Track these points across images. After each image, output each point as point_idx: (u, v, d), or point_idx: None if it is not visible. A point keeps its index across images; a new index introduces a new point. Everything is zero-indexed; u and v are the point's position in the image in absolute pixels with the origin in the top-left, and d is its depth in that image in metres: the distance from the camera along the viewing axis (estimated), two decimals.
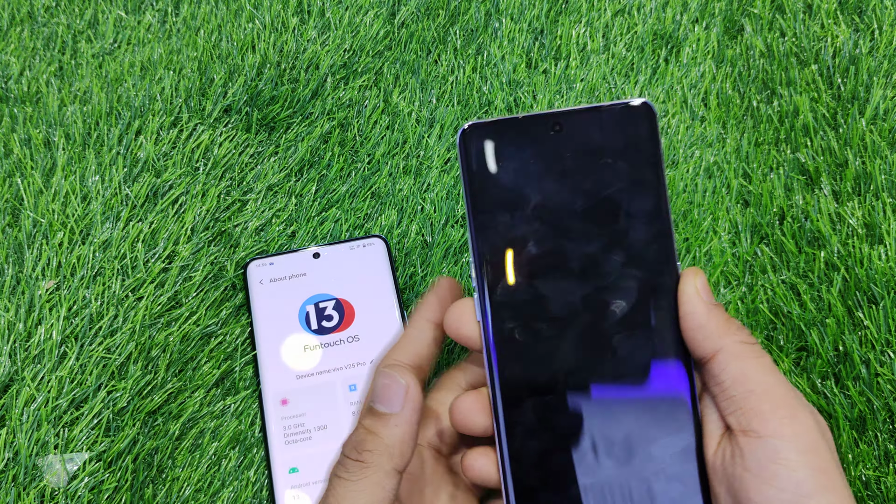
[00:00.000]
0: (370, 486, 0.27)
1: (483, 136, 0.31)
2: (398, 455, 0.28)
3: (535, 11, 0.58)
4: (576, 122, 0.32)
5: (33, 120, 0.54)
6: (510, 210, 0.31)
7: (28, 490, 0.40)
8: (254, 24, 0.57)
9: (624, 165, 0.31)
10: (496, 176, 0.31)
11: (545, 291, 0.30)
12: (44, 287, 0.45)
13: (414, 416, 0.28)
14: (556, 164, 0.31)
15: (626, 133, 0.32)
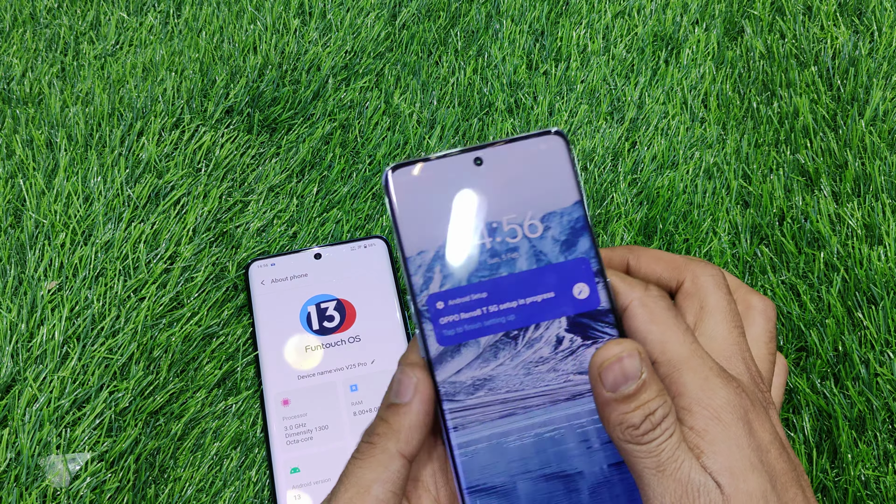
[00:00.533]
0: (374, 465, 0.30)
1: (409, 177, 0.33)
2: (404, 440, 0.30)
3: (535, 13, 0.59)
4: (495, 156, 0.33)
5: (35, 121, 0.54)
6: (441, 246, 0.33)
7: (30, 490, 0.40)
8: (255, 26, 0.57)
9: (544, 193, 0.33)
10: (425, 215, 0.33)
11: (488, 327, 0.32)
12: (46, 288, 0.45)
13: (421, 406, 0.30)
14: (481, 197, 0.33)
15: (544, 162, 0.34)
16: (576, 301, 0.33)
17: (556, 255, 0.33)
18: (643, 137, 0.53)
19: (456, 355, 0.32)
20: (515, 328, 0.33)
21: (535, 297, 0.33)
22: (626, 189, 0.51)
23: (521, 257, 0.33)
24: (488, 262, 0.33)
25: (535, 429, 0.32)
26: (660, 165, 0.52)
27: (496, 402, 0.32)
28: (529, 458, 0.32)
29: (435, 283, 0.32)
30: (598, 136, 0.53)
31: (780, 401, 0.35)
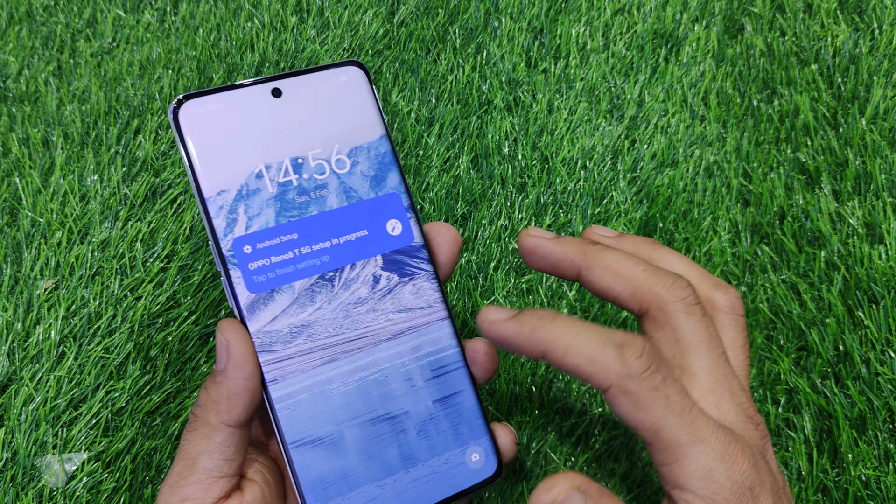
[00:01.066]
0: (198, 437, 0.29)
1: (202, 108, 0.30)
2: (224, 410, 0.29)
3: (534, 10, 0.58)
4: (295, 86, 0.31)
5: (32, 119, 0.54)
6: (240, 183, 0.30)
7: (27, 490, 0.39)
8: (253, 23, 0.57)
9: (349, 127, 0.32)
10: (223, 151, 0.30)
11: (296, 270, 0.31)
12: (42, 287, 0.45)
13: (237, 371, 0.29)
14: (283, 131, 0.31)
15: (346, 95, 0.32)
16: (389, 238, 0.32)
17: (367, 191, 0.32)
18: (643, 135, 0.53)
19: (269, 303, 0.30)
20: (331, 269, 0.31)
21: (348, 235, 0.31)
22: (626, 187, 0.51)
23: (331, 194, 0.31)
24: (296, 200, 0.31)
25: (358, 373, 0.31)
26: (660, 164, 0.52)
27: (316, 349, 0.31)
28: (354, 404, 0.31)
29: (240, 225, 0.30)
30: (597, 134, 0.53)
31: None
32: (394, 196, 0.32)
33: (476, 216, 0.50)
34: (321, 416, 0.30)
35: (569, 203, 0.50)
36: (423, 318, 0.32)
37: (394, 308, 0.32)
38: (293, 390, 0.30)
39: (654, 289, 0.29)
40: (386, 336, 0.31)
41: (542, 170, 0.52)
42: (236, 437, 0.30)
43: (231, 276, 0.30)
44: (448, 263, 0.33)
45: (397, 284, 0.32)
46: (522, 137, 0.53)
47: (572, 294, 0.48)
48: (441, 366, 0.32)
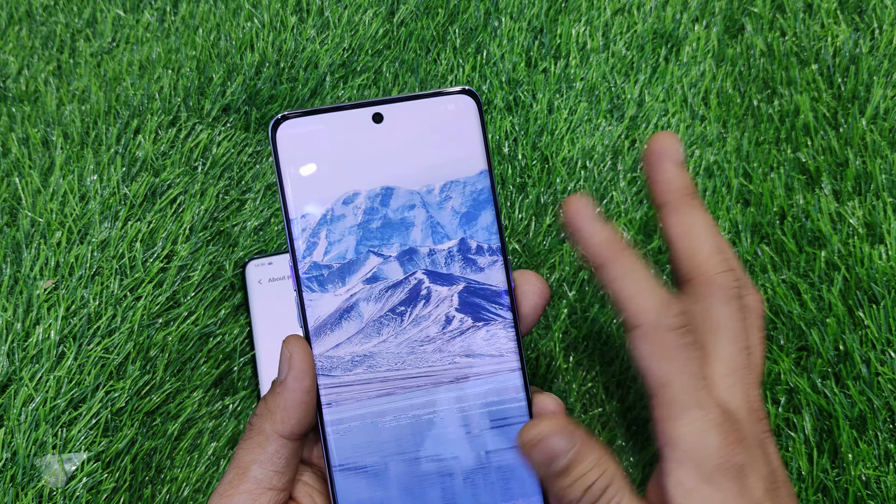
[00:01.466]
0: (252, 447, 0.30)
1: (299, 129, 0.30)
2: (279, 420, 0.29)
3: (534, 10, 0.58)
4: (397, 113, 0.31)
5: (31, 119, 0.54)
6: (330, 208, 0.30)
7: (26, 490, 0.39)
8: (252, 23, 0.57)
9: (447, 159, 0.31)
10: (314, 174, 0.30)
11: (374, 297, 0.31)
12: (42, 287, 0.45)
13: (295, 383, 0.30)
14: (377, 158, 0.31)
15: (451, 124, 0.31)
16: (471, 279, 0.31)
17: (455, 228, 0.31)
18: (643, 135, 0.53)
19: (336, 328, 0.31)
20: (402, 305, 0.31)
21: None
22: (626, 187, 0.51)
23: (417, 228, 0.31)
24: (381, 230, 0.31)
25: (413, 410, 0.31)
26: None
27: (375, 381, 0.30)
28: (404, 440, 0.30)
29: (319, 249, 0.30)
30: (597, 133, 0.53)
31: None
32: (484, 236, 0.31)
33: None
34: (369, 445, 0.30)
35: None
36: (492, 365, 0.31)
37: (461, 352, 0.31)
38: (346, 416, 0.30)
39: (707, 266, 0.30)
40: (448, 378, 0.31)
41: (543, 170, 0.52)
42: (288, 450, 0.30)
43: (304, 298, 0.30)
44: (531, 314, 0.32)
45: (469, 328, 0.31)
46: (522, 137, 0.53)
47: (572, 294, 0.48)
48: (503, 417, 0.31)
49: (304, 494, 0.31)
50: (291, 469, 0.30)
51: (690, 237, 0.31)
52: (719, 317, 0.30)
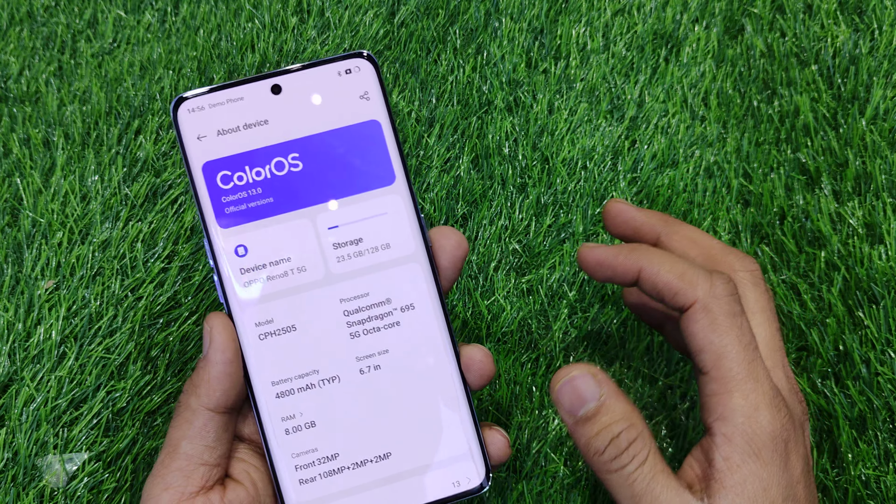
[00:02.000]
0: (181, 423, 0.30)
1: (200, 107, 0.31)
2: (204, 393, 0.30)
3: (534, 11, 0.58)
4: (295, 82, 0.32)
5: (32, 119, 0.54)
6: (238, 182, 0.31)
7: (27, 490, 0.39)
8: (253, 24, 0.57)
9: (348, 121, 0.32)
10: (217, 148, 0.31)
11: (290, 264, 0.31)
12: (43, 287, 0.45)
13: (217, 355, 0.30)
14: (279, 127, 0.31)
15: (350, 90, 0.32)
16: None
17: (353, 180, 0.32)
18: (643, 136, 0.53)
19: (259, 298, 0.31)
20: None
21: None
22: (626, 188, 0.51)
23: (318, 185, 0.32)
24: (284, 193, 0.31)
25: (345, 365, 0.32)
26: (660, 164, 0.52)
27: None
28: (339, 397, 0.31)
29: (229, 221, 0.31)
30: (597, 134, 0.53)
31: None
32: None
33: (476, 216, 0.50)
34: (305, 402, 0.31)
35: (569, 203, 0.50)
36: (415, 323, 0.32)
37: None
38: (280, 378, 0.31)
39: (726, 257, 0.31)
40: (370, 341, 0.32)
41: (543, 170, 0.52)
42: (216, 423, 0.30)
43: (221, 272, 0.31)
44: (450, 268, 0.33)
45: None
46: (523, 138, 0.53)
47: (572, 294, 0.48)
48: (432, 369, 0.32)
49: (240, 471, 0.31)
50: (223, 444, 0.30)
51: (698, 243, 0.32)
52: (750, 301, 0.30)
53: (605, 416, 0.28)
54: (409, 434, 0.31)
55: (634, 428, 0.28)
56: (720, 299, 0.28)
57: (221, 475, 0.30)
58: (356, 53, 0.32)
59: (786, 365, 0.30)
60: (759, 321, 0.30)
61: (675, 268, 0.29)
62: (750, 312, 0.30)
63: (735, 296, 0.29)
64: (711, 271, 0.29)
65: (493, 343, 0.46)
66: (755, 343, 0.28)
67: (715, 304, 0.28)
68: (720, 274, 0.29)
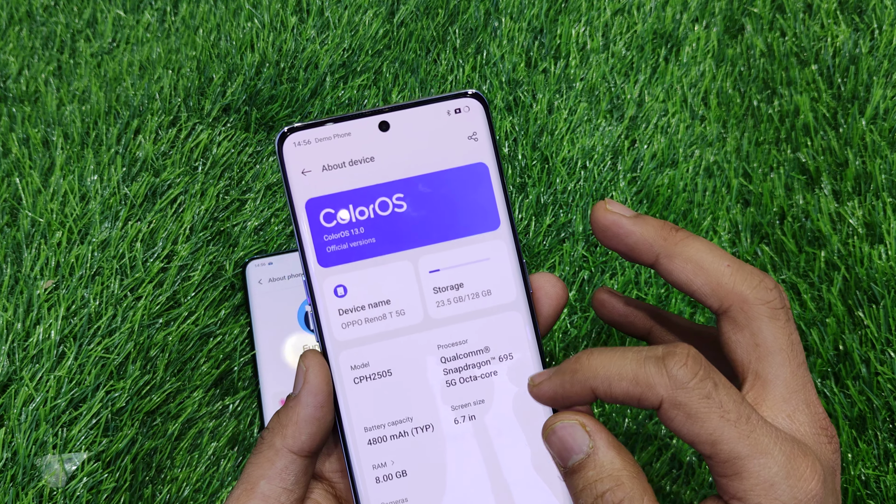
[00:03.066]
0: (262, 461, 0.29)
1: (306, 140, 0.31)
2: (290, 435, 0.29)
3: (534, 10, 0.58)
4: (403, 119, 0.31)
5: (32, 119, 0.54)
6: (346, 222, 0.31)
7: (27, 490, 0.39)
8: (253, 24, 0.57)
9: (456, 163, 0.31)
10: (325, 183, 0.31)
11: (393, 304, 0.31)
12: (42, 287, 0.45)
13: (309, 398, 0.29)
14: (385, 164, 0.31)
15: (458, 130, 0.31)
16: None
17: (459, 224, 0.32)
18: (643, 135, 0.53)
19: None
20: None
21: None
22: (626, 187, 0.51)
23: (424, 228, 0.31)
24: (388, 235, 0.31)
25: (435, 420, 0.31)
26: (660, 164, 0.52)
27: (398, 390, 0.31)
28: (427, 447, 0.30)
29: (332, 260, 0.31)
30: (597, 134, 0.53)
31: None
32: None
33: None
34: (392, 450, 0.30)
35: (569, 203, 0.50)
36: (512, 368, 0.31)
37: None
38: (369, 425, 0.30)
39: (738, 288, 0.28)
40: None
41: (542, 170, 0.52)
42: (298, 466, 0.29)
43: (319, 312, 0.30)
44: (551, 316, 0.32)
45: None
46: (522, 137, 0.53)
47: (572, 294, 0.48)
48: (529, 421, 0.31)
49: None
50: (301, 486, 0.30)
51: (704, 269, 0.29)
52: (767, 339, 0.27)
53: (590, 470, 0.27)
54: (502, 487, 0.30)
55: (621, 488, 0.26)
56: (686, 389, 0.25)
57: None
58: (465, 93, 0.32)
59: (811, 402, 0.27)
60: (776, 361, 0.27)
61: (624, 373, 0.26)
62: (767, 353, 0.27)
63: (700, 374, 0.26)
64: (666, 354, 0.26)
65: None
66: (745, 409, 0.26)
67: (682, 395, 0.25)
68: (674, 357, 0.26)
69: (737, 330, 0.28)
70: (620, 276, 0.48)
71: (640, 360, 0.26)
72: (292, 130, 0.31)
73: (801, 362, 0.27)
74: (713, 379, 0.26)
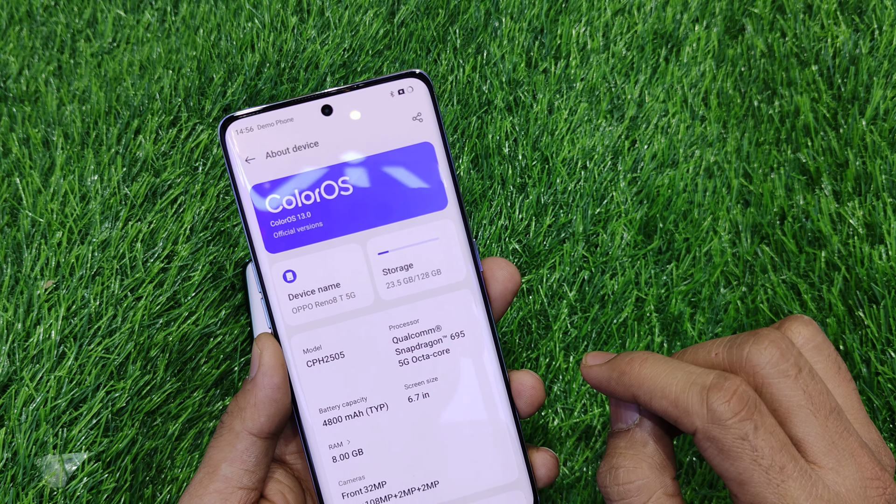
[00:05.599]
0: (222, 444, 0.30)
1: (248, 127, 0.31)
2: (249, 417, 0.29)
3: (534, 10, 0.58)
4: (346, 102, 0.31)
5: (32, 119, 0.54)
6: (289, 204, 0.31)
7: (27, 490, 0.39)
8: (253, 24, 0.57)
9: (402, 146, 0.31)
10: (267, 169, 0.31)
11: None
12: (42, 287, 0.45)
13: (264, 379, 0.29)
14: (330, 150, 0.31)
15: (403, 111, 0.31)
16: None
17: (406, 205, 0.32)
18: (643, 136, 0.53)
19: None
20: None
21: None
22: (626, 188, 0.51)
23: (369, 209, 0.32)
24: (334, 217, 0.31)
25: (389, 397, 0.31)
26: (660, 164, 0.52)
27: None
28: (387, 420, 0.31)
29: (280, 245, 0.31)
30: (597, 134, 0.53)
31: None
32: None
33: (476, 216, 0.50)
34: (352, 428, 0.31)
35: (569, 203, 0.50)
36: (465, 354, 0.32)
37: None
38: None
39: (739, 357, 0.27)
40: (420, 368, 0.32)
41: (543, 170, 0.52)
42: (258, 448, 0.30)
43: (269, 297, 0.31)
44: (500, 299, 0.32)
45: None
46: (523, 137, 0.53)
47: (572, 294, 0.48)
48: (482, 396, 0.32)
49: (275, 492, 0.31)
50: (262, 467, 0.30)
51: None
52: (783, 399, 0.26)
53: (622, 441, 0.28)
54: (458, 462, 0.31)
55: (636, 472, 0.27)
56: (723, 426, 0.25)
57: (257, 498, 0.30)
58: (409, 73, 0.31)
59: (855, 452, 0.25)
60: (801, 419, 0.26)
61: (667, 392, 0.26)
62: (789, 412, 0.26)
63: (742, 414, 0.25)
64: (713, 385, 0.25)
65: None
66: (783, 458, 0.25)
67: (717, 431, 0.25)
68: (719, 391, 0.25)
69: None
70: (621, 277, 0.48)
71: (688, 382, 0.26)
72: (234, 118, 0.31)
73: (831, 410, 0.26)
74: (755, 421, 0.25)
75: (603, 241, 0.49)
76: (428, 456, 0.31)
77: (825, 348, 0.28)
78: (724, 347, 0.27)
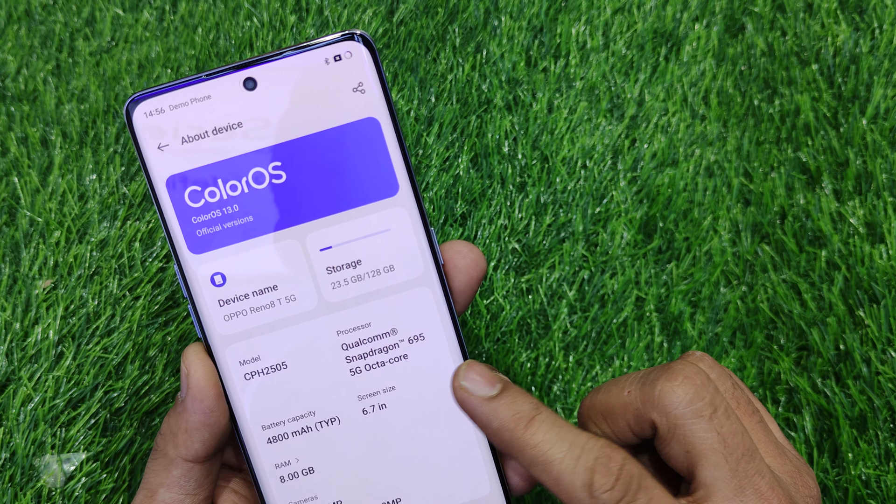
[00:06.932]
0: (158, 469, 0.27)
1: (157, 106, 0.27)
2: (182, 443, 0.27)
3: (534, 9, 0.58)
4: (273, 74, 0.27)
5: (30, 118, 0.54)
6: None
7: (25, 490, 0.39)
8: (252, 22, 0.57)
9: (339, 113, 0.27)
10: (180, 150, 0.27)
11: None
12: (40, 286, 0.45)
13: (194, 404, 0.27)
14: (252, 127, 0.27)
15: (340, 82, 0.27)
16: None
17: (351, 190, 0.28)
18: (643, 135, 0.53)
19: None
20: None
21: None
22: (626, 187, 0.51)
23: (305, 197, 0.28)
24: (264, 208, 0.27)
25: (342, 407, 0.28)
26: (660, 163, 0.52)
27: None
28: (334, 440, 0.28)
29: (203, 243, 0.27)
30: (597, 133, 0.53)
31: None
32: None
33: (476, 216, 0.50)
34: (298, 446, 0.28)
35: (569, 202, 0.50)
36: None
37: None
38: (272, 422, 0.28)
39: (651, 400, 0.26)
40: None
41: (542, 169, 0.51)
42: (197, 472, 0.27)
43: (197, 304, 0.27)
44: (465, 291, 0.29)
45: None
46: (522, 136, 0.53)
47: (572, 294, 0.47)
48: (446, 405, 0.29)
49: (226, 500, 0.29)
50: (205, 488, 0.28)
51: (608, 411, 0.27)
52: (695, 442, 0.25)
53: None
54: (421, 478, 0.28)
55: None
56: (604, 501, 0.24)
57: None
58: (347, 35, 0.27)
59: (763, 493, 0.25)
60: (710, 463, 0.25)
61: (551, 466, 0.25)
62: (696, 458, 0.25)
63: (626, 498, 0.24)
64: (596, 465, 0.24)
65: (491, 343, 0.46)
66: None
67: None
68: (605, 470, 0.24)
69: (666, 443, 0.26)
70: (621, 276, 0.48)
71: (573, 460, 0.25)
72: (141, 98, 0.26)
73: (744, 453, 0.25)
74: (640, 483, 0.24)
75: (603, 241, 0.49)
76: (387, 472, 0.28)
77: (726, 380, 0.27)
78: (636, 385, 0.26)
